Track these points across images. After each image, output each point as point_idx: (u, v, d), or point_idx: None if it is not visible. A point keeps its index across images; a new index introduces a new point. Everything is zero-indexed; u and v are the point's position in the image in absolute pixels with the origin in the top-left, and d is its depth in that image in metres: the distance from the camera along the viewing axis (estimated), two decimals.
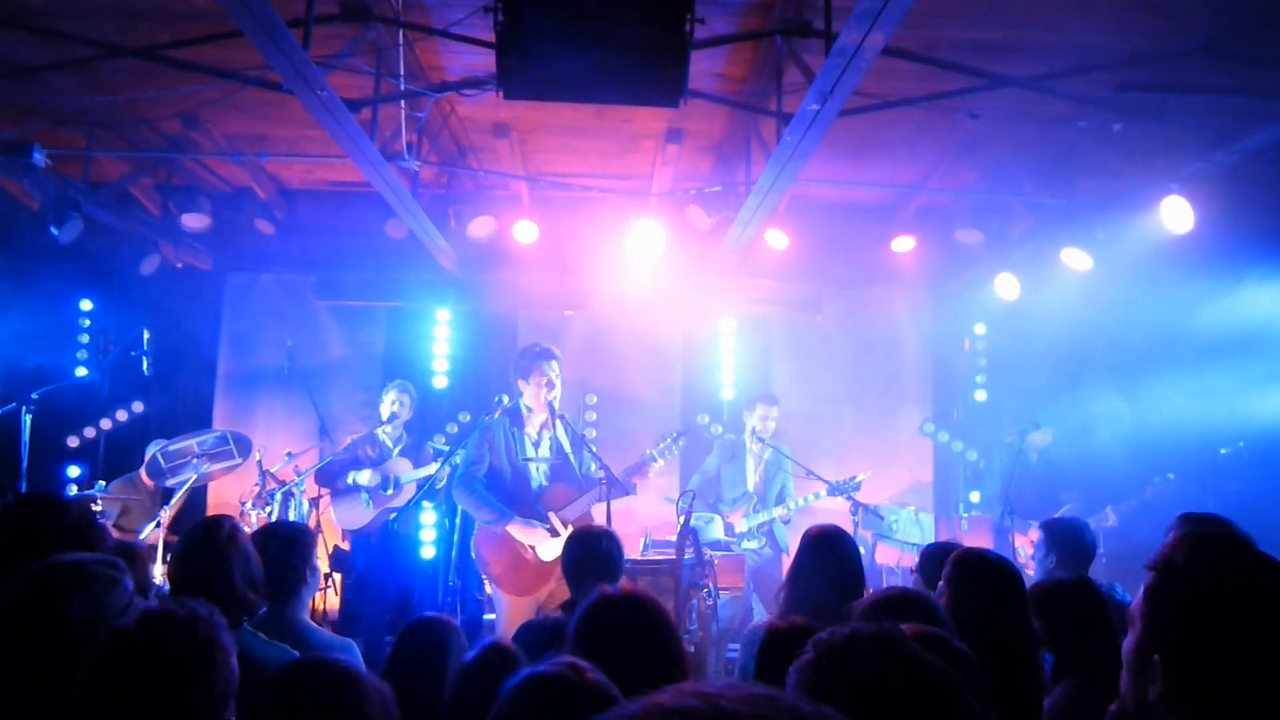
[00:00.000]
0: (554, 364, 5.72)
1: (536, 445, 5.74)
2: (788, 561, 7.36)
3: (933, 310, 8.92)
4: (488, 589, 5.66)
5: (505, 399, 5.76)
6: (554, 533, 5.54)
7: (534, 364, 5.70)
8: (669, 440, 5.98)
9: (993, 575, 2.92)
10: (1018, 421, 7.37)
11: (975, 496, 8.67)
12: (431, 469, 6.80)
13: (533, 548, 5.51)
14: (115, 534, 6.84)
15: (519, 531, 5.50)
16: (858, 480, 6.75)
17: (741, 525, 7.03)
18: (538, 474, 5.71)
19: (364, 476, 6.87)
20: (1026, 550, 6.73)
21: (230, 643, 2.05)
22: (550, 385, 5.67)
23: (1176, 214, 5.98)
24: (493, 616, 6.72)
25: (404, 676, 2.97)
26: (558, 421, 5.79)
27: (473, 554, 5.66)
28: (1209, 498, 6.96)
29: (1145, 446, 7.17)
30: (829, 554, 3.63)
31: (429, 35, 5.26)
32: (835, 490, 6.72)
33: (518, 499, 5.61)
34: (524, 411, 5.73)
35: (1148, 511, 6.72)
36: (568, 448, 5.78)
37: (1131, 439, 7.38)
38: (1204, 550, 1.79)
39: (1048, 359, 8.07)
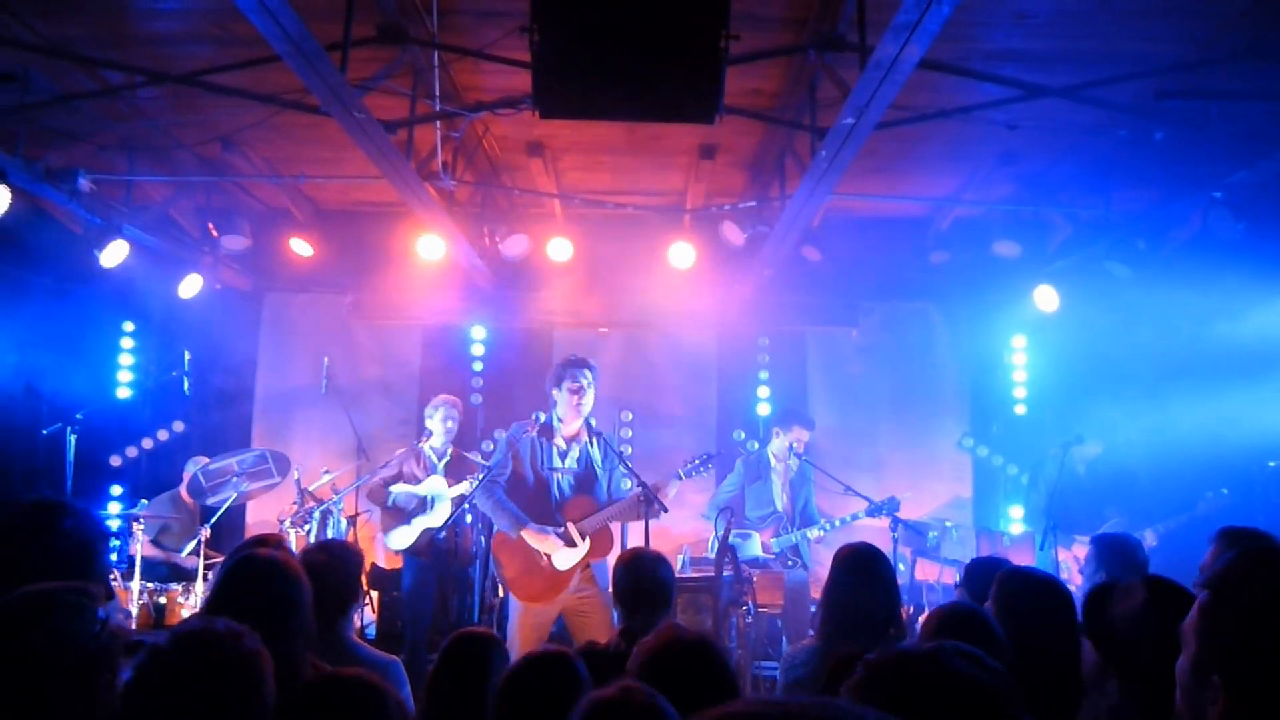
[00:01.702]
0: (586, 372, 5.68)
1: (564, 456, 5.73)
2: (814, 583, 7.32)
3: (970, 323, 8.82)
4: (500, 592, 5.67)
5: (542, 416, 5.76)
6: (570, 543, 5.53)
7: (565, 371, 5.71)
8: (697, 462, 5.88)
9: (1040, 593, 2.86)
10: (1058, 435, 7.25)
11: (1016, 511, 8.54)
12: (464, 487, 6.77)
13: (548, 556, 5.51)
14: (157, 552, 6.98)
15: (533, 538, 5.51)
16: (898, 501, 6.64)
17: (774, 545, 6.96)
18: (560, 484, 5.70)
19: (402, 497, 6.85)
20: (1070, 566, 6.62)
21: (268, 659, 2.05)
22: (580, 392, 5.64)
23: (1220, 222, 5.88)
24: None
25: (447, 691, 2.96)
26: (592, 436, 5.79)
27: (491, 557, 5.70)
28: (1258, 512, 6.81)
29: (1192, 460, 7.01)
30: (866, 574, 3.56)
31: (464, 56, 5.30)
32: (875, 510, 6.62)
33: (538, 507, 5.61)
34: (555, 423, 5.73)
35: (1198, 527, 6.55)
36: (598, 463, 5.77)
37: (1151, 447, 7.20)
38: (1259, 567, 1.75)
39: (1089, 371, 7.94)
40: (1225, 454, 6.95)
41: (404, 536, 6.80)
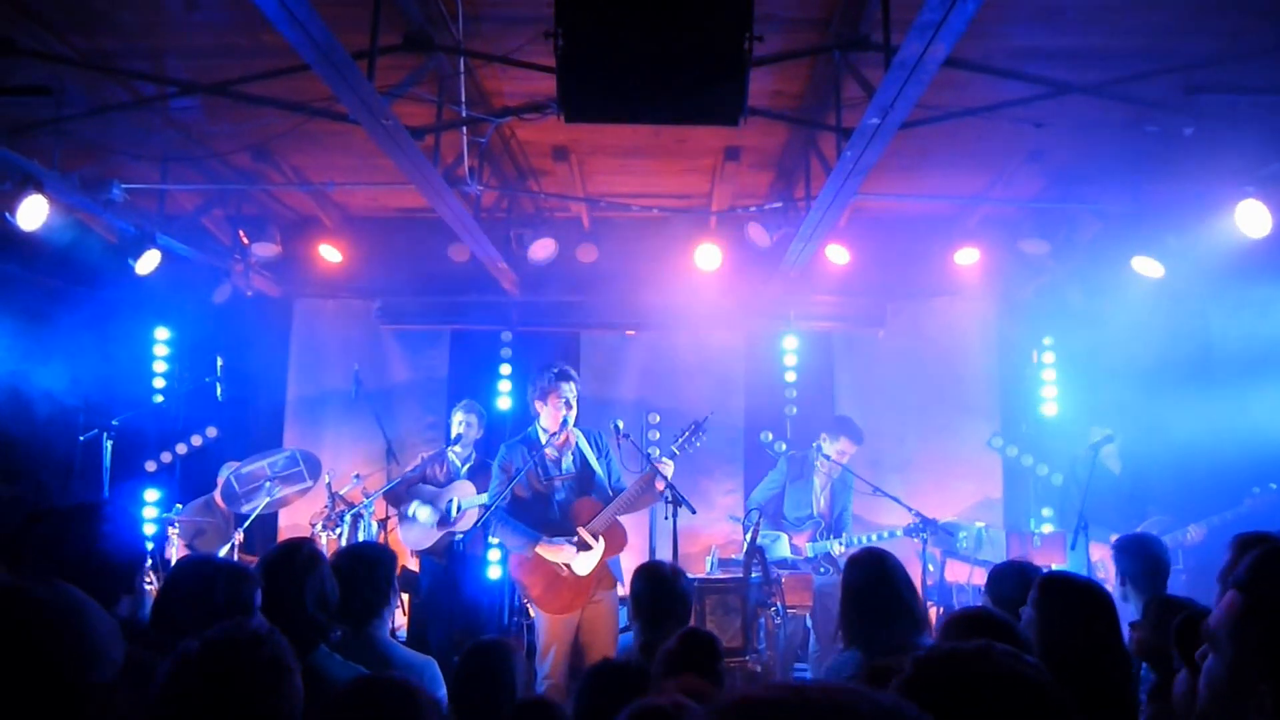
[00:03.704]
0: (572, 385, 5.69)
1: (557, 464, 5.74)
2: None
3: (998, 322, 8.76)
4: (530, 612, 5.69)
5: (536, 431, 5.78)
6: (584, 546, 5.52)
7: (552, 385, 5.70)
8: (687, 434, 5.78)
9: (1081, 598, 2.83)
10: (1089, 435, 7.18)
11: (1047, 512, 8.46)
12: (483, 498, 6.82)
13: (567, 565, 5.51)
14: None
15: (547, 552, 5.51)
16: (939, 524, 6.56)
17: (808, 550, 6.95)
18: (560, 492, 5.70)
19: (423, 513, 6.92)
20: (1107, 565, 6.55)
21: (294, 663, 2.06)
22: (568, 405, 5.65)
23: (1253, 218, 5.81)
24: None
25: (467, 699, 2.99)
26: (578, 438, 5.78)
27: (516, 581, 5.71)
28: None
29: (1232, 456, 6.90)
30: (879, 573, 3.51)
31: (489, 62, 5.34)
32: (915, 531, 6.49)
33: (545, 522, 5.62)
34: (540, 435, 5.73)
35: (1244, 524, 6.45)
36: (592, 461, 5.74)
37: (1187, 444, 7.09)
38: None
39: (1120, 370, 7.86)
40: (1267, 450, 6.84)
41: (421, 536, 6.87)
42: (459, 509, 6.93)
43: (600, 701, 2.76)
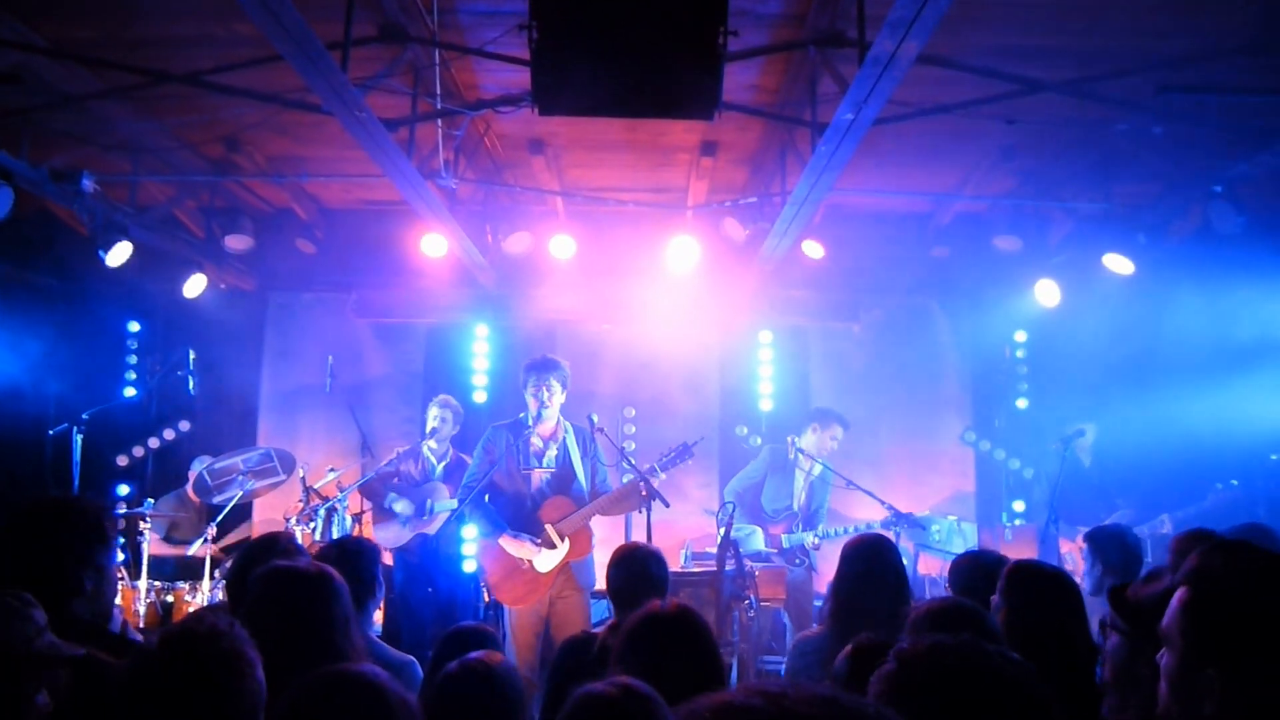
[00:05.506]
0: (547, 376, 5.70)
1: (540, 456, 5.74)
2: (819, 580, 7.36)
3: (972, 318, 8.83)
4: (485, 597, 5.72)
5: (524, 415, 5.80)
6: (550, 545, 5.55)
7: (527, 375, 5.76)
8: (672, 454, 5.80)
9: (1048, 586, 2.87)
10: (1060, 429, 7.26)
11: (1019, 505, 8.55)
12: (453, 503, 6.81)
13: (528, 560, 5.53)
14: (167, 549, 7.02)
15: (510, 545, 5.54)
16: (917, 518, 6.60)
17: (784, 540, 6.99)
18: (537, 484, 5.72)
19: (400, 505, 6.91)
20: (1076, 558, 6.63)
21: (255, 656, 2.05)
22: (538, 395, 5.66)
23: (1221, 216, 5.89)
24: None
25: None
26: (567, 433, 5.79)
27: (477, 563, 5.75)
28: (1259, 504, 6.82)
29: (1197, 453, 7.01)
30: (875, 564, 3.59)
31: (465, 54, 5.33)
32: (892, 525, 6.53)
33: (515, 510, 5.65)
34: (529, 422, 5.74)
35: (1207, 519, 6.56)
36: (575, 460, 5.76)
37: (1155, 439, 7.19)
38: (1238, 561, 1.75)
39: (1090, 365, 7.95)
40: (1229, 447, 6.95)
41: (395, 535, 6.86)
42: (432, 511, 6.92)
43: (565, 680, 2.78)
